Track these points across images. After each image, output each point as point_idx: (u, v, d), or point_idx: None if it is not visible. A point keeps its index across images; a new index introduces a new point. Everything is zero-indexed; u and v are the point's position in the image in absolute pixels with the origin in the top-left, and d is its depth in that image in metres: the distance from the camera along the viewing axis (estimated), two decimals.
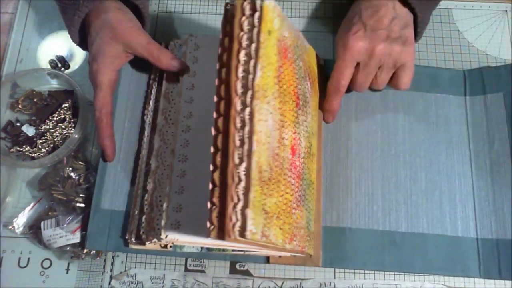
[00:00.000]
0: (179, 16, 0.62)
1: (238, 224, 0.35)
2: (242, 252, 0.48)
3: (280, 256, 0.48)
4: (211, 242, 0.43)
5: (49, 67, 0.59)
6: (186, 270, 0.51)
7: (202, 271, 0.51)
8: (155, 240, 0.45)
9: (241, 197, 0.36)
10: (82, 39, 0.51)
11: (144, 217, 0.47)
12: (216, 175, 0.37)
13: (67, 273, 0.51)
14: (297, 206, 0.42)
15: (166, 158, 0.49)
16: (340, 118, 0.53)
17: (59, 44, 0.61)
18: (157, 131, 0.51)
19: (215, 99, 0.39)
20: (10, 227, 0.52)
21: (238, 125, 0.37)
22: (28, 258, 0.52)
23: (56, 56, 0.60)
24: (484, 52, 0.59)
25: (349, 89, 0.49)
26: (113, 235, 0.49)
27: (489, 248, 0.48)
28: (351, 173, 0.51)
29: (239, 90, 0.38)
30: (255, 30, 0.39)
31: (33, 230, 0.52)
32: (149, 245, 0.47)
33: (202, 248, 0.48)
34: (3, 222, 0.53)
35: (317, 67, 0.52)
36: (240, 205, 0.35)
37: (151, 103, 0.53)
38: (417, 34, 0.51)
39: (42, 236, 0.50)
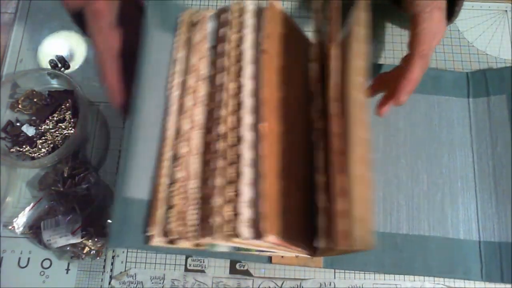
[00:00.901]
0: None
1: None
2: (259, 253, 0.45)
3: (282, 257, 0.48)
4: (256, 243, 0.37)
5: (49, 67, 0.59)
6: (186, 270, 0.51)
7: (202, 271, 0.51)
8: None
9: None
10: None
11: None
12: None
13: (67, 273, 0.51)
14: None
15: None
16: None
17: (59, 44, 0.60)
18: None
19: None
20: (10, 227, 0.52)
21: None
22: (28, 258, 0.52)
23: (56, 56, 0.60)
24: (484, 52, 0.58)
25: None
26: (135, 231, 0.41)
27: (491, 251, 0.48)
28: None
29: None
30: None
31: (33, 230, 0.52)
32: (182, 244, 0.41)
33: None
34: (3, 222, 0.53)
35: None
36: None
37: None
38: (453, 14, 0.51)
39: (42, 236, 0.50)
